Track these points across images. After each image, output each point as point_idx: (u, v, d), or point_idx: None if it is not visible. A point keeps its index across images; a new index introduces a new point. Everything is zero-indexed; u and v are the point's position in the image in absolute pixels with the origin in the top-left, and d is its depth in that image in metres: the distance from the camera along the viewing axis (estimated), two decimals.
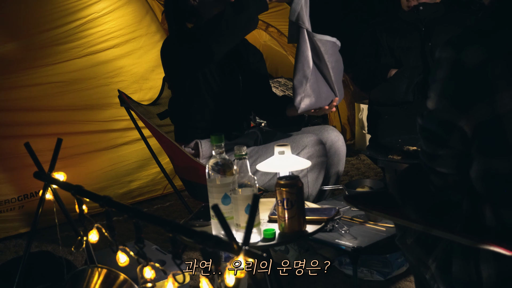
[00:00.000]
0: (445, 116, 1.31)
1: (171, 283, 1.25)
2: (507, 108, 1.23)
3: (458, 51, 1.28)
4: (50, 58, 3.18)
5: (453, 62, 1.28)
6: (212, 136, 1.73)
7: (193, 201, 2.90)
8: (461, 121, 1.28)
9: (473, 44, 1.27)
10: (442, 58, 1.31)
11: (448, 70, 1.30)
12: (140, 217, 1.30)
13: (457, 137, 1.31)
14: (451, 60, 1.29)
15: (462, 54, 1.26)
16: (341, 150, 2.58)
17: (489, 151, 1.27)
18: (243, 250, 1.07)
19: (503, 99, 1.23)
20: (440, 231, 1.27)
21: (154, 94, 3.04)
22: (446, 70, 1.30)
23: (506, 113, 1.23)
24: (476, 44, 1.26)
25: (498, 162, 1.26)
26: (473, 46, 1.26)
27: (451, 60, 1.29)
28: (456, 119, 1.29)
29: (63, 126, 3.20)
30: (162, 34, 3.62)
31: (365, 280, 2.28)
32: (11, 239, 3.03)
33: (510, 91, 1.23)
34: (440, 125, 1.33)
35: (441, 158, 1.36)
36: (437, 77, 1.33)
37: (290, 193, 1.73)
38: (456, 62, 1.27)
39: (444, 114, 1.31)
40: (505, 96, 1.23)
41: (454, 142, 1.32)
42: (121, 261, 1.45)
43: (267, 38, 5.29)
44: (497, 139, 1.25)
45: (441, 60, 1.32)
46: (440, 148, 1.35)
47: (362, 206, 1.41)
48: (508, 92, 1.23)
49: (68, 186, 1.55)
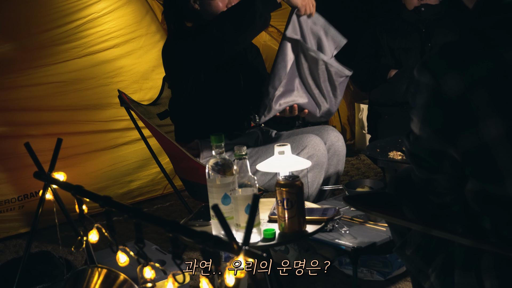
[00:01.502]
0: (432, 145, 1.29)
1: (171, 283, 1.25)
2: (493, 135, 1.19)
3: (437, 77, 1.23)
4: (50, 58, 3.18)
5: (433, 90, 1.24)
6: (212, 136, 1.73)
7: (193, 201, 2.90)
8: (449, 149, 1.26)
9: (452, 70, 1.22)
10: (421, 83, 1.27)
11: (428, 97, 1.26)
12: (140, 217, 1.30)
13: (448, 163, 1.29)
14: (431, 87, 1.24)
15: (441, 82, 1.22)
16: (341, 151, 2.58)
17: (482, 177, 1.25)
18: (243, 250, 1.07)
19: (488, 127, 1.19)
20: (440, 231, 1.27)
21: (154, 94, 3.04)
22: (426, 97, 1.26)
23: (493, 140, 1.20)
24: (455, 71, 1.22)
25: (492, 187, 1.24)
26: (452, 72, 1.22)
27: (430, 88, 1.25)
28: (444, 147, 1.27)
29: (63, 126, 3.20)
30: (162, 34, 3.62)
31: (365, 280, 2.28)
32: (11, 239, 3.02)
33: (493, 118, 1.19)
34: (429, 154, 1.31)
35: (436, 181, 1.34)
36: (417, 102, 1.29)
37: (290, 193, 1.73)
38: (436, 91, 1.23)
39: (431, 144, 1.29)
40: (490, 123, 1.19)
41: (446, 168, 1.30)
42: (121, 261, 1.45)
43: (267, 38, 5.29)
44: (488, 166, 1.22)
45: (420, 84, 1.27)
46: (434, 173, 1.33)
47: (361, 207, 1.41)
48: (492, 119, 1.19)
49: (68, 186, 1.55)
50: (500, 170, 1.20)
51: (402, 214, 1.46)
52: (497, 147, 1.20)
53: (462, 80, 1.21)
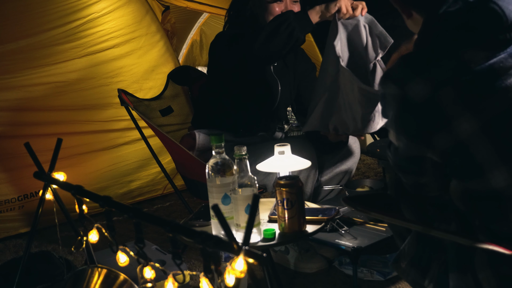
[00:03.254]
0: (410, 152, 1.31)
1: (171, 283, 1.25)
2: (467, 132, 1.21)
3: (401, 86, 1.26)
4: (50, 58, 3.18)
5: (400, 99, 1.27)
6: (212, 136, 1.73)
7: (193, 201, 2.90)
8: (428, 152, 1.28)
9: (415, 77, 1.24)
10: (387, 95, 1.30)
11: (397, 107, 1.28)
12: (140, 217, 1.30)
13: (430, 167, 1.31)
14: (398, 97, 1.27)
15: (407, 89, 1.24)
16: (356, 152, 2.62)
17: (462, 175, 1.26)
18: (243, 250, 1.07)
19: (461, 125, 1.21)
20: (439, 231, 1.27)
21: (154, 94, 3.04)
22: (395, 107, 1.29)
23: (469, 137, 1.22)
24: (418, 77, 1.24)
25: (473, 184, 1.25)
26: (415, 78, 1.24)
27: (397, 97, 1.27)
28: (422, 152, 1.29)
29: (63, 126, 3.20)
30: (162, 34, 3.62)
31: (365, 280, 2.28)
32: (11, 239, 3.02)
33: (465, 115, 1.21)
34: (410, 161, 1.33)
35: (426, 186, 1.36)
36: (388, 114, 1.32)
37: (290, 193, 1.73)
38: (403, 99, 1.26)
39: (409, 151, 1.31)
40: (462, 121, 1.21)
41: (429, 171, 1.32)
42: (121, 261, 1.45)
43: None
44: (467, 163, 1.24)
45: (387, 96, 1.30)
46: (420, 178, 1.35)
47: (361, 208, 1.41)
48: (463, 116, 1.21)
49: (68, 186, 1.55)
50: (480, 165, 1.22)
51: (401, 215, 1.47)
52: (474, 143, 1.22)
53: (426, 84, 1.23)
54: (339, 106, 2.27)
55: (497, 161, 1.21)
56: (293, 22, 2.17)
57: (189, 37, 6.49)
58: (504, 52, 1.22)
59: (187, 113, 2.94)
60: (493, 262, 1.26)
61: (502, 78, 1.21)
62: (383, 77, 1.32)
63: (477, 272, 1.28)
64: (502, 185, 1.21)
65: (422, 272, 1.42)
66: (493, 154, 1.21)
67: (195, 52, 6.70)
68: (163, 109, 2.77)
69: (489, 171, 1.22)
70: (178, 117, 2.92)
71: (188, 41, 6.50)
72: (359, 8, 2.23)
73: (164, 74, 3.02)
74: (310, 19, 2.21)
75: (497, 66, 1.21)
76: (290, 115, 3.73)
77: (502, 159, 1.21)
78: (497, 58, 1.22)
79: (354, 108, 2.23)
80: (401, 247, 1.51)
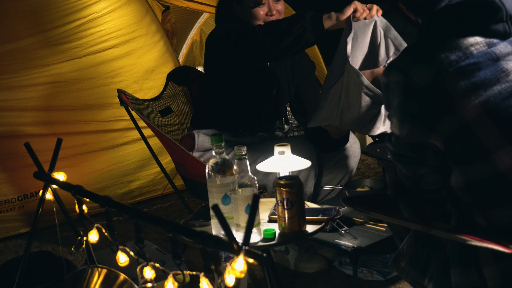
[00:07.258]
0: (413, 139, 1.33)
1: (171, 283, 1.25)
2: (472, 115, 1.24)
3: (405, 72, 1.30)
4: (50, 58, 3.18)
5: (404, 85, 1.30)
6: (212, 136, 1.73)
7: (193, 201, 2.90)
8: (431, 138, 1.30)
9: (419, 63, 1.29)
10: (391, 83, 1.33)
11: (401, 93, 1.31)
12: (140, 217, 1.30)
13: (431, 154, 1.32)
14: (401, 83, 1.30)
15: (411, 75, 1.28)
16: (357, 153, 2.62)
17: (465, 160, 1.28)
18: (243, 250, 1.07)
19: (466, 107, 1.24)
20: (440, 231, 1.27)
21: (154, 94, 3.04)
22: (399, 94, 1.32)
23: (473, 120, 1.24)
24: (422, 63, 1.29)
25: (476, 169, 1.27)
26: (419, 65, 1.29)
27: (401, 84, 1.30)
28: (425, 138, 1.30)
29: (63, 126, 3.20)
30: (162, 34, 3.62)
31: (365, 280, 2.28)
32: (11, 239, 3.03)
33: (469, 98, 1.24)
34: (411, 149, 1.35)
35: (424, 177, 1.37)
36: (391, 103, 1.34)
37: (290, 193, 1.73)
38: (407, 85, 1.29)
39: (412, 138, 1.33)
40: (467, 103, 1.24)
41: (430, 160, 1.33)
42: (121, 261, 1.45)
43: None
44: (469, 147, 1.26)
45: (390, 85, 1.33)
46: (420, 168, 1.36)
47: (361, 208, 1.41)
48: (468, 99, 1.24)
49: (68, 186, 1.55)
50: (485, 147, 1.25)
51: (400, 214, 1.47)
52: (478, 125, 1.24)
53: (430, 69, 1.27)
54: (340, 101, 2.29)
55: (501, 141, 1.24)
56: (307, 23, 2.16)
57: (189, 37, 6.48)
58: (504, 41, 1.29)
59: (186, 114, 2.94)
60: (497, 258, 1.26)
61: (502, 62, 1.26)
62: (387, 68, 1.35)
63: (482, 267, 1.28)
64: (508, 166, 1.23)
65: (422, 271, 1.42)
66: (498, 135, 1.24)
67: (195, 52, 6.69)
68: (163, 109, 2.77)
69: (495, 152, 1.24)
70: (178, 117, 2.92)
71: (188, 41, 6.50)
72: (375, 8, 2.21)
73: (164, 74, 3.02)
74: (323, 24, 2.15)
75: (498, 51, 1.27)
76: (290, 115, 3.74)
77: (507, 139, 1.24)
78: (498, 45, 1.28)
79: (352, 108, 2.23)
80: (400, 247, 1.51)
